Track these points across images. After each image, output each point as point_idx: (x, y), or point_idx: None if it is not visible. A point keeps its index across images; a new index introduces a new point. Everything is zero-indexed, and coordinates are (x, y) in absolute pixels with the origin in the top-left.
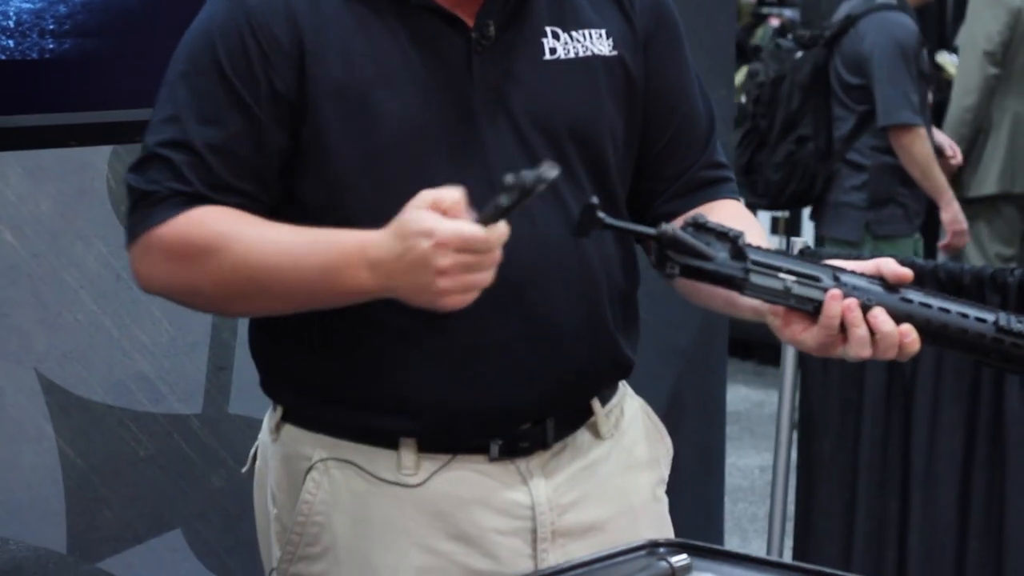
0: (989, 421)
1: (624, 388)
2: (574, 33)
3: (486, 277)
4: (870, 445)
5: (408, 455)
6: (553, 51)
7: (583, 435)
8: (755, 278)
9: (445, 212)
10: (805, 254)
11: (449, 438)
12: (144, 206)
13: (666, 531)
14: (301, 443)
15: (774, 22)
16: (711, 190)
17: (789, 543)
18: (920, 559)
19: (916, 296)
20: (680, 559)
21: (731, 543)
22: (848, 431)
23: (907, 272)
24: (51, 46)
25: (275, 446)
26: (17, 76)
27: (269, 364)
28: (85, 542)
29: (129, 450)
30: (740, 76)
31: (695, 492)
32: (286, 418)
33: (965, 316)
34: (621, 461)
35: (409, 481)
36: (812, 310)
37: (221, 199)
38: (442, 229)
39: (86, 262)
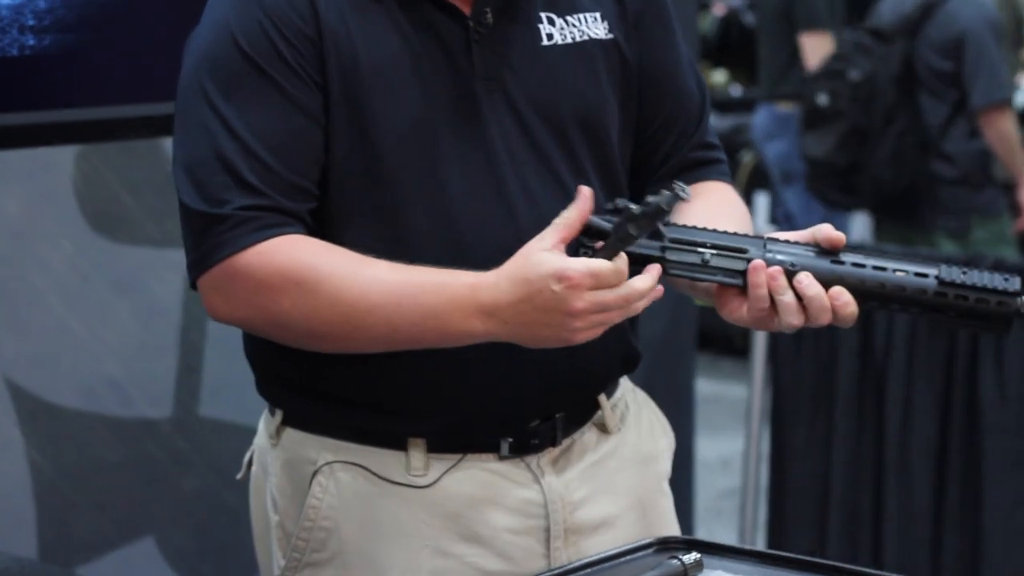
0: (963, 408)
1: (626, 381)
2: (569, 18)
3: (620, 314)
4: (843, 434)
5: (417, 456)
6: (550, 37)
7: (590, 431)
8: (672, 255)
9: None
10: None
11: (459, 437)
12: (218, 232)
13: (673, 525)
14: (304, 447)
15: (718, 10)
16: (701, 171)
17: (761, 536)
18: (895, 549)
19: (849, 258)
20: (692, 556)
21: (701, 535)
22: (820, 420)
23: (840, 236)
24: (31, 42)
25: (275, 451)
26: None
27: (267, 367)
28: (56, 550)
29: (99, 456)
30: None
31: None
32: (287, 422)
33: (903, 272)
34: (627, 456)
35: (419, 482)
36: (741, 284)
37: (294, 206)
38: (574, 269)
39: (52, 264)
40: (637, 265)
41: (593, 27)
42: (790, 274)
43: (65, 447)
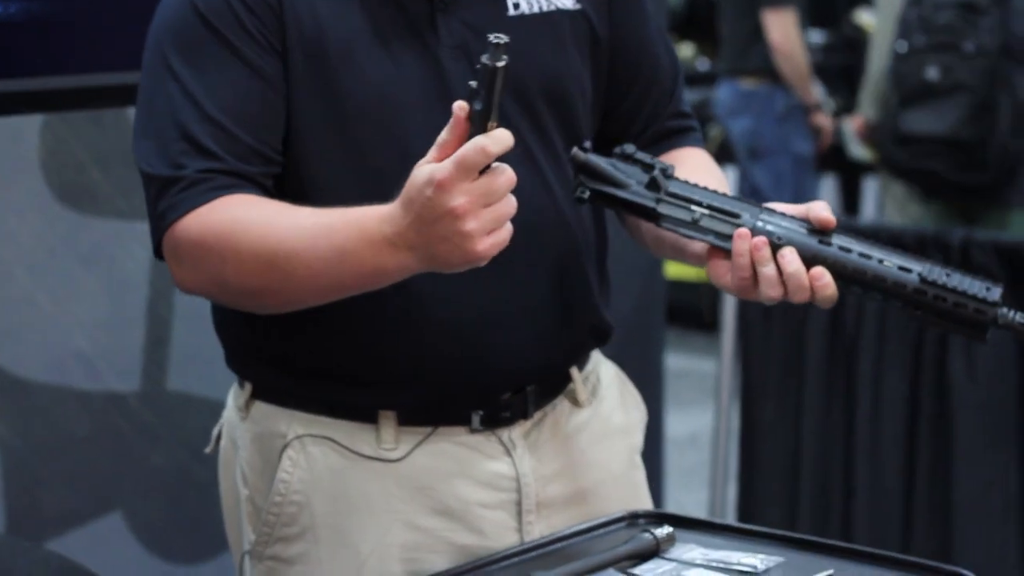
0: (933, 384)
1: (597, 355)
2: None
3: (507, 203)
4: (813, 409)
5: (388, 429)
6: (517, 6)
7: (562, 404)
8: (665, 208)
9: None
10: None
11: (430, 410)
12: (171, 194)
13: (644, 499)
14: (275, 420)
15: None
16: (676, 139)
17: (731, 512)
18: (866, 524)
19: (839, 240)
20: (664, 530)
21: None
22: (790, 395)
23: (830, 217)
24: None
25: (245, 424)
26: None
27: (236, 339)
28: (25, 525)
29: (68, 430)
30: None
31: None
32: (256, 395)
33: (888, 264)
34: (599, 429)
35: (389, 456)
36: (727, 248)
37: (252, 170)
38: (439, 169)
39: (19, 237)
40: (633, 213)
41: None
42: (775, 247)
43: (33, 421)
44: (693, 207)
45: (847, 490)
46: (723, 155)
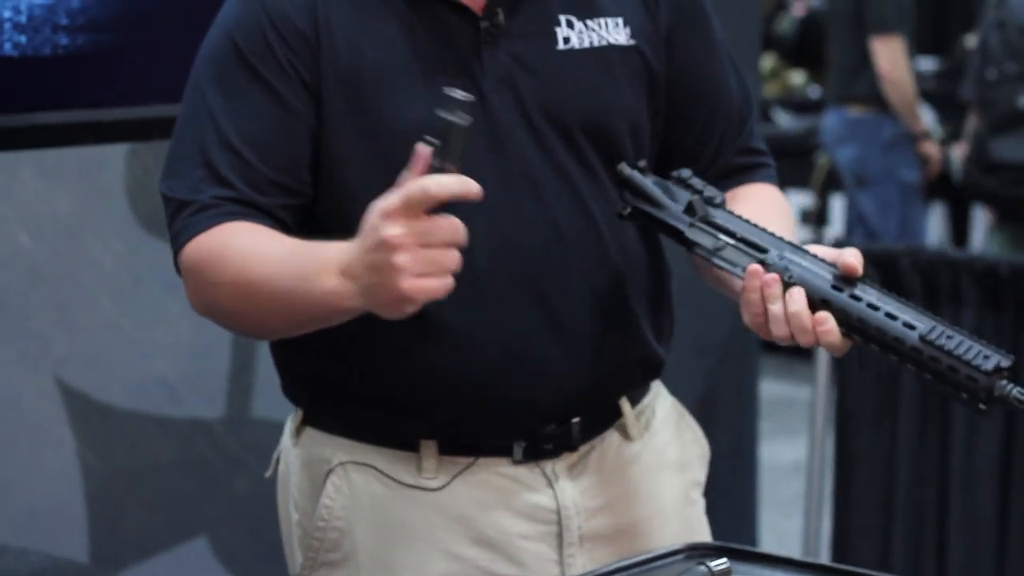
0: None
1: (657, 388)
2: (589, 22)
3: (446, 254)
4: (907, 440)
5: (429, 458)
6: (567, 40)
7: (612, 436)
8: (694, 233)
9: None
10: (840, 244)
11: (471, 440)
12: (183, 217)
13: (702, 534)
14: (321, 446)
15: (797, 11)
16: (746, 175)
17: (827, 538)
18: (960, 556)
19: (853, 289)
20: (719, 563)
21: (767, 540)
22: (885, 424)
23: (855, 264)
24: (64, 42)
25: (296, 450)
26: (29, 73)
27: (288, 366)
28: (107, 550)
29: (151, 455)
30: (768, 64)
31: (729, 488)
32: (307, 421)
33: (893, 318)
34: (652, 463)
35: (430, 485)
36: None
37: (265, 201)
38: (386, 199)
39: (104, 263)
40: (666, 233)
41: (614, 32)
42: (787, 285)
43: (116, 447)
44: (721, 236)
45: (941, 520)
46: (831, 183)
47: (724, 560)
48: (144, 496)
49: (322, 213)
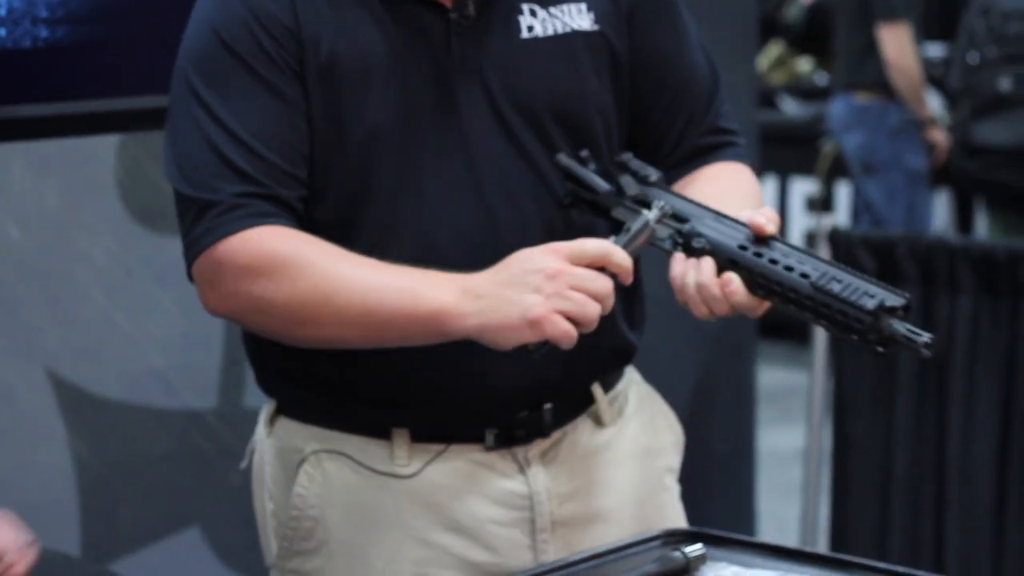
0: None
1: (630, 374)
2: (552, 9)
3: (589, 304)
4: (905, 426)
5: (401, 445)
6: (531, 29)
7: (584, 423)
8: (619, 212)
9: None
10: (835, 233)
11: (442, 427)
12: (210, 216)
13: (677, 519)
14: (294, 436)
15: None
16: (712, 155)
17: (824, 526)
18: (957, 542)
19: (760, 248)
20: (694, 549)
21: (767, 528)
22: (882, 412)
23: (762, 223)
24: (44, 34)
25: (270, 440)
26: (10, 66)
27: (262, 359)
28: (101, 542)
29: (144, 447)
30: (775, 51)
31: (727, 476)
32: (280, 411)
33: (790, 269)
34: (625, 449)
35: (402, 472)
36: (666, 249)
37: (287, 193)
38: (560, 243)
39: (95, 257)
40: (598, 216)
41: (578, 18)
42: (699, 254)
43: (110, 439)
44: (645, 212)
45: (939, 507)
46: (837, 170)
47: (699, 545)
48: (138, 488)
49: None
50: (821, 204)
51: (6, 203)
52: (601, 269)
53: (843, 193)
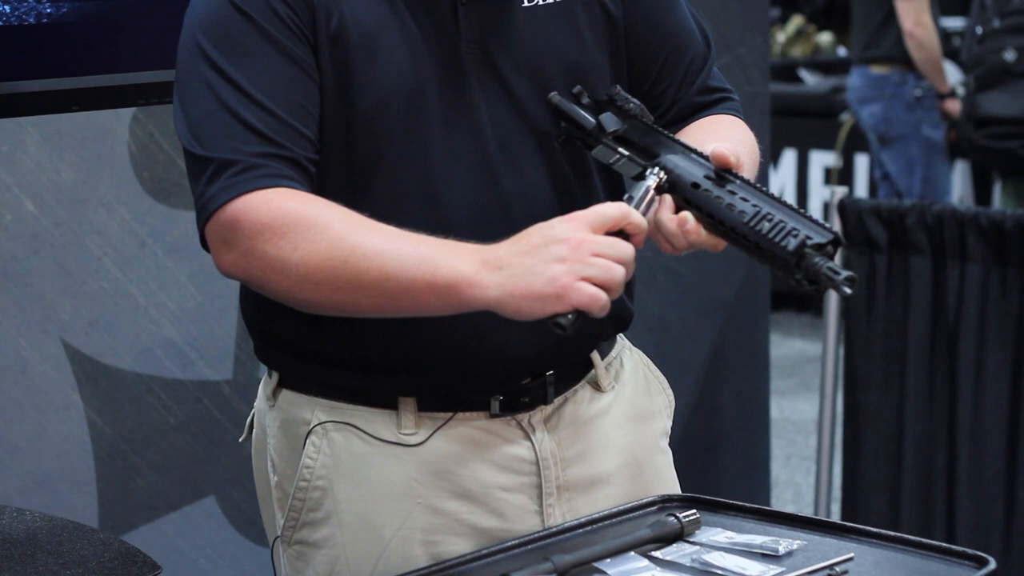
0: None
1: (623, 341)
2: None
3: (612, 269)
4: (915, 395)
5: (407, 415)
6: None
7: (583, 389)
8: (599, 151)
9: None
10: (845, 203)
11: (448, 396)
12: (228, 175)
13: (671, 483)
14: (299, 407)
15: None
16: (705, 113)
17: (838, 494)
18: (968, 509)
19: (719, 183)
20: (689, 514)
21: (784, 496)
22: (893, 381)
23: (724, 153)
24: (48, 10)
25: (273, 412)
26: (14, 42)
27: (263, 329)
28: (117, 511)
29: (159, 418)
30: (795, 24)
31: (741, 445)
32: (283, 383)
33: (731, 208)
34: (623, 413)
35: (409, 441)
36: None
37: (303, 155)
38: (580, 213)
39: (109, 229)
40: (586, 150)
41: None
42: (660, 190)
43: (125, 410)
44: (620, 148)
45: (950, 473)
46: (854, 142)
47: (694, 511)
48: (152, 458)
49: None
50: (839, 176)
51: (21, 178)
52: (618, 233)
53: (861, 165)
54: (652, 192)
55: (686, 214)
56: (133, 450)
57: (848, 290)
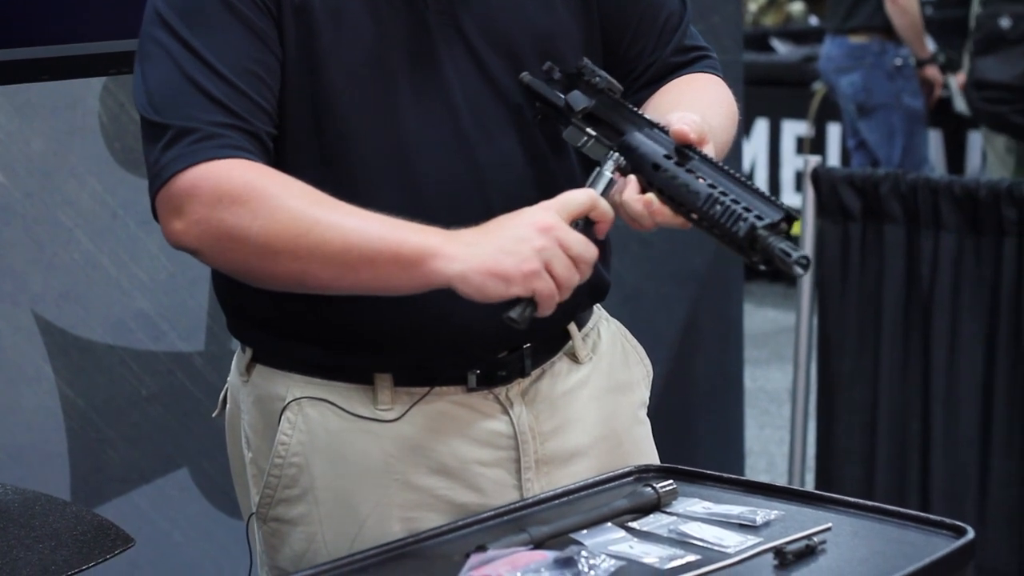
0: (1009, 338)
1: (599, 311)
2: None
3: (571, 269)
4: (890, 364)
5: (383, 390)
6: None
7: (561, 361)
8: (568, 132)
9: None
10: (818, 172)
11: (424, 370)
12: (185, 143)
13: (650, 453)
14: (273, 383)
15: None
16: (682, 72)
17: (812, 464)
18: (943, 478)
19: (680, 162)
20: (666, 484)
21: (757, 465)
22: (867, 350)
23: (684, 131)
24: None
25: (247, 388)
26: None
27: (236, 305)
28: (89, 484)
29: (131, 389)
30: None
31: (714, 415)
32: (256, 358)
33: (687, 188)
34: (600, 385)
35: (386, 417)
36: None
37: (262, 128)
38: (550, 201)
39: (80, 200)
40: (549, 121)
41: None
42: (625, 170)
43: (96, 382)
44: (588, 129)
45: (924, 442)
46: (826, 111)
47: (670, 482)
48: (125, 430)
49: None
50: (811, 146)
51: None
52: (585, 220)
53: (833, 134)
54: (613, 177)
55: (651, 196)
56: (105, 422)
57: (800, 271)
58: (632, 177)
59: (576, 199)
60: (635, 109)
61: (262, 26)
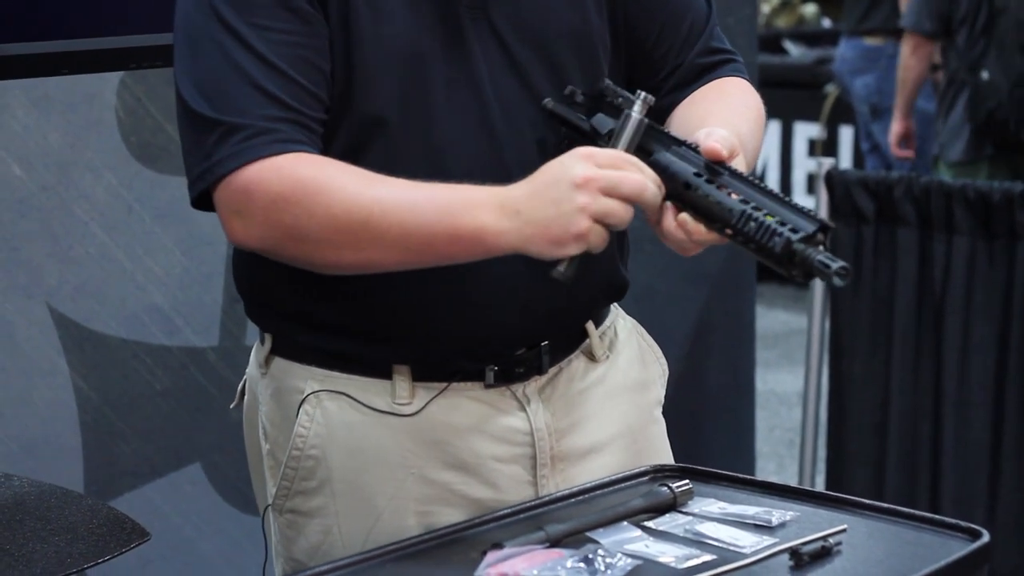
0: (1021, 341)
1: (616, 310)
2: None
3: (622, 207)
4: (901, 367)
5: (402, 384)
6: None
7: (578, 359)
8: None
9: None
10: (832, 175)
11: (443, 365)
12: (236, 141)
13: (665, 452)
14: (292, 376)
15: None
16: (710, 75)
17: (822, 467)
18: (953, 481)
19: (711, 179)
20: (681, 484)
21: (767, 467)
22: (879, 353)
23: (715, 148)
24: None
25: (265, 380)
26: (2, 5)
27: (255, 293)
28: (102, 477)
29: (145, 384)
30: None
31: (725, 416)
32: (275, 350)
33: (721, 205)
34: (617, 383)
35: (404, 411)
36: None
37: (314, 115)
38: (582, 149)
39: (96, 194)
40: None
41: None
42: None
43: (110, 375)
44: (620, 145)
45: (935, 445)
46: (838, 114)
47: (686, 481)
48: (138, 424)
49: None
50: (823, 148)
51: (8, 142)
52: None
53: (846, 137)
54: (642, 118)
55: (685, 217)
56: (118, 416)
57: (840, 281)
58: (669, 205)
59: (615, 155)
60: (661, 128)
61: (310, 10)
